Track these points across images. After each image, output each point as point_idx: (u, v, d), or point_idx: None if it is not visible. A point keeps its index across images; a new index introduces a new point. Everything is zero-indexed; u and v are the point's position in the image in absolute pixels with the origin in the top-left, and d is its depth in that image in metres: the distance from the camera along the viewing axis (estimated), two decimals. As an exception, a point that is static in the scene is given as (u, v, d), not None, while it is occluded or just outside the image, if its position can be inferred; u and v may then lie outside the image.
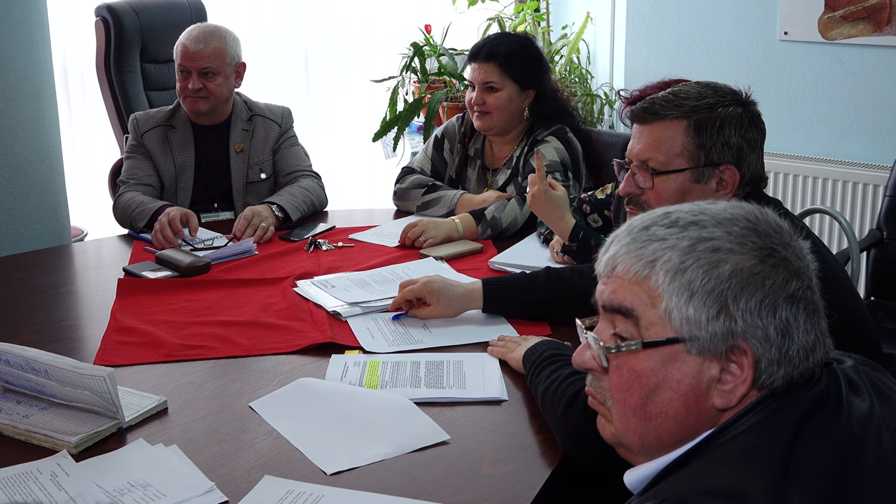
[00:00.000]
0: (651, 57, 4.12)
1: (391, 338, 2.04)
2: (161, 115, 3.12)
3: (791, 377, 1.02)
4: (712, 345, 1.02)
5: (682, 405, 1.04)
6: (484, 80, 2.85)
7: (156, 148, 3.08)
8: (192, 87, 2.97)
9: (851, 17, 3.64)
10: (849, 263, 2.95)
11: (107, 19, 3.93)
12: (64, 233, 3.24)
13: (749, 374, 1.01)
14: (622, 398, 1.08)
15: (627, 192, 1.87)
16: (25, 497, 1.47)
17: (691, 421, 1.04)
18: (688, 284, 1.02)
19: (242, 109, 3.13)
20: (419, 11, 4.94)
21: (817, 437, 0.99)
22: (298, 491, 1.47)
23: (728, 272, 1.01)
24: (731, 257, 1.02)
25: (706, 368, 1.02)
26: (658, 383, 1.04)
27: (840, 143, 3.80)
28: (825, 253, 1.81)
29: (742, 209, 1.07)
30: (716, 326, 1.01)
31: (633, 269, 1.05)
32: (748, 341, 1.01)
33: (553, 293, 2.07)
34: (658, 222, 1.07)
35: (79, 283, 2.57)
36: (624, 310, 1.06)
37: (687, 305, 1.02)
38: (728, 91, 1.82)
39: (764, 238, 1.03)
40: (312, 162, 3.27)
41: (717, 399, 1.03)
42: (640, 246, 1.06)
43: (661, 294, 1.03)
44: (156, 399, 1.76)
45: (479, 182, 3.03)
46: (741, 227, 1.04)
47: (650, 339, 1.04)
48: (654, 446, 1.07)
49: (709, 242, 1.03)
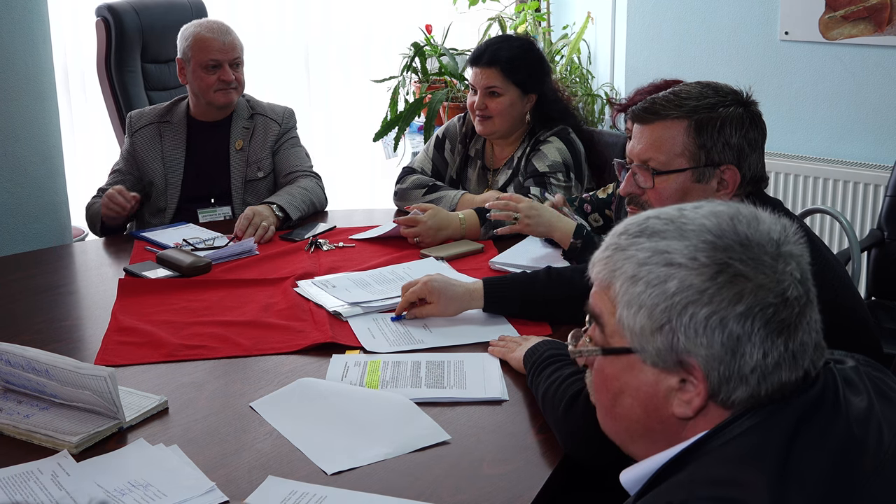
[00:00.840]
0: (652, 57, 4.12)
1: (392, 338, 2.04)
2: (157, 112, 3.14)
3: (758, 394, 1.01)
4: (659, 358, 1.03)
5: (642, 411, 1.06)
6: (486, 84, 2.85)
7: (145, 146, 3.09)
8: (230, 78, 3.01)
9: (852, 16, 3.64)
10: (849, 263, 2.95)
11: (107, 19, 3.93)
12: (65, 233, 3.24)
13: (702, 387, 1.02)
14: (598, 397, 1.13)
15: (628, 192, 1.87)
16: (26, 497, 1.47)
17: (655, 427, 1.06)
18: (637, 297, 1.03)
19: (244, 108, 3.13)
20: (420, 11, 4.94)
21: (816, 439, 0.99)
22: (302, 491, 1.48)
23: (674, 288, 1.01)
24: (679, 272, 1.01)
25: (663, 379, 1.04)
26: (621, 388, 1.07)
27: (841, 143, 3.80)
28: (826, 253, 1.81)
29: (717, 217, 1.05)
30: (658, 340, 1.02)
31: (601, 276, 1.08)
32: (692, 356, 1.01)
33: (554, 293, 2.07)
34: (629, 230, 1.08)
35: (79, 283, 2.57)
36: (594, 315, 1.10)
37: (635, 317, 1.03)
38: (729, 91, 1.82)
39: (721, 252, 1.01)
40: (313, 162, 3.27)
41: (676, 408, 1.04)
42: (609, 254, 1.08)
43: (616, 303, 1.05)
44: (156, 399, 1.76)
45: (480, 182, 3.03)
46: (701, 239, 1.03)
47: (609, 347, 1.07)
48: (631, 443, 1.10)
49: (663, 255, 1.03)
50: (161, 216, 3.07)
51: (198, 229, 2.84)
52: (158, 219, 3.07)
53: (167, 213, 3.06)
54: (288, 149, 3.15)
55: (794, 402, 1.01)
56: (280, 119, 3.15)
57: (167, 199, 3.07)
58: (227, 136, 3.09)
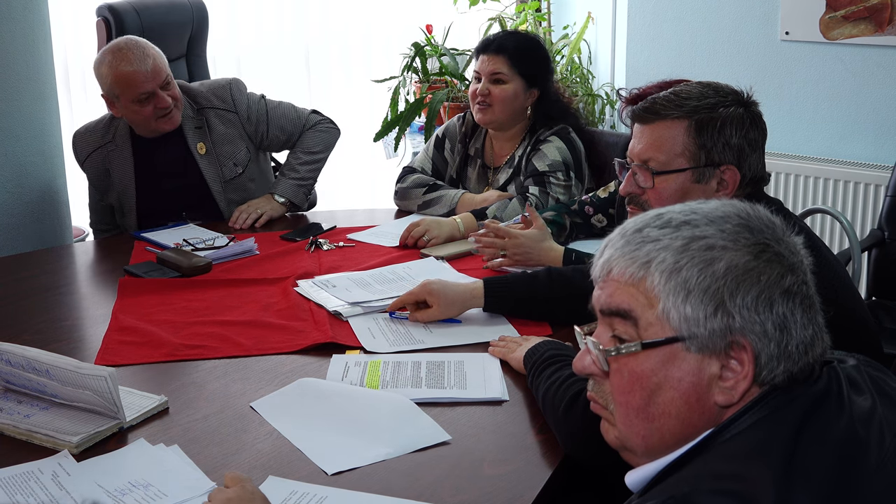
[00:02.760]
0: (652, 57, 4.12)
1: (392, 338, 2.04)
2: (98, 133, 2.95)
3: (791, 372, 1.03)
4: (711, 342, 1.02)
5: (684, 404, 1.04)
6: (492, 70, 2.86)
7: (98, 174, 2.96)
8: (166, 104, 2.78)
9: (853, 16, 3.64)
10: (850, 263, 2.95)
11: (108, 19, 3.93)
12: (65, 233, 3.25)
13: (750, 369, 1.02)
14: (624, 400, 1.08)
15: (628, 191, 1.87)
16: (27, 497, 1.47)
17: (694, 419, 1.04)
18: (684, 283, 1.02)
19: (187, 106, 2.91)
20: (420, 11, 4.94)
21: (820, 436, 0.99)
22: (302, 492, 1.48)
23: (723, 269, 1.02)
24: (725, 254, 1.02)
25: (706, 366, 1.03)
26: (659, 383, 1.05)
27: (841, 143, 3.80)
28: (826, 253, 1.81)
29: (733, 207, 1.07)
30: (714, 323, 1.02)
31: (628, 272, 1.06)
32: (747, 337, 1.01)
33: (554, 292, 2.07)
34: (650, 224, 1.08)
35: (80, 283, 2.57)
36: (622, 312, 1.07)
37: (684, 304, 1.02)
38: (729, 91, 1.82)
39: (756, 234, 1.04)
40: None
41: (718, 396, 1.03)
42: (634, 248, 1.07)
43: (657, 294, 1.04)
44: (157, 399, 1.76)
45: (480, 181, 3.03)
46: (733, 224, 1.05)
47: (649, 340, 1.05)
48: (658, 447, 1.07)
49: (702, 241, 1.03)
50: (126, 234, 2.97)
51: (198, 229, 2.84)
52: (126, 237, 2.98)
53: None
54: (268, 124, 2.99)
55: (800, 397, 1.02)
56: (231, 105, 2.94)
57: (126, 221, 2.97)
58: (181, 144, 2.91)
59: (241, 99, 2.98)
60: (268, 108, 3.02)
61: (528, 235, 2.39)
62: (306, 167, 3.04)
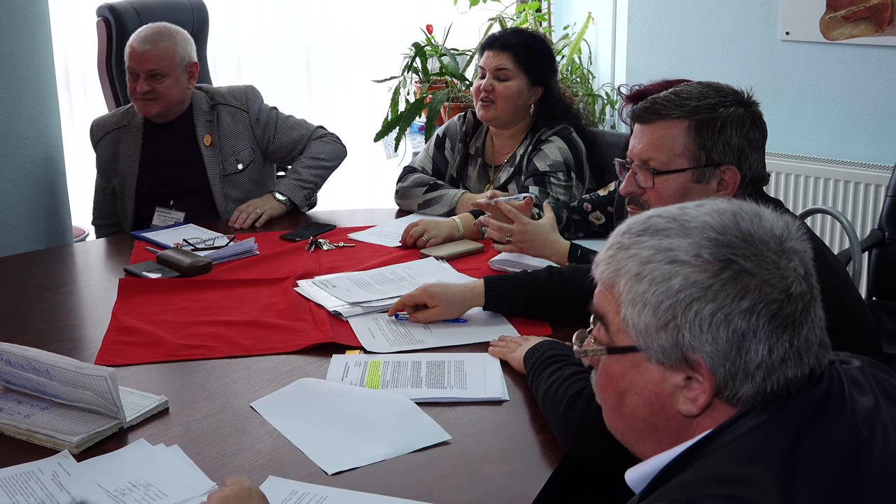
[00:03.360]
0: (652, 57, 4.11)
1: (392, 338, 2.04)
2: (116, 118, 3.09)
3: (763, 390, 1.01)
4: (664, 356, 1.03)
5: (648, 409, 1.06)
6: (497, 66, 2.86)
7: (106, 156, 3.08)
8: (140, 90, 2.90)
9: (853, 17, 3.64)
10: (850, 263, 2.95)
11: (108, 19, 3.93)
12: (65, 233, 3.25)
13: (707, 384, 1.02)
14: (603, 397, 1.12)
15: (628, 191, 1.87)
16: (27, 497, 1.47)
17: (660, 425, 1.06)
18: (641, 295, 1.03)
19: (203, 101, 3.03)
20: (420, 11, 4.94)
21: (822, 437, 0.99)
22: (302, 492, 1.48)
23: (678, 286, 1.01)
24: (683, 269, 1.01)
25: (668, 377, 1.03)
26: (626, 387, 1.07)
27: (842, 143, 3.80)
28: (827, 254, 1.81)
29: (720, 214, 1.05)
30: (663, 338, 1.02)
31: (605, 275, 1.08)
32: (697, 353, 1.01)
33: (555, 292, 2.07)
34: (632, 229, 1.08)
35: (80, 283, 2.57)
36: (599, 314, 1.10)
37: (639, 316, 1.03)
38: (730, 91, 1.82)
39: (724, 249, 1.01)
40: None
41: (682, 406, 1.04)
42: (612, 253, 1.08)
43: (620, 302, 1.05)
44: (157, 399, 1.76)
45: (481, 180, 3.03)
46: (705, 236, 1.03)
47: (614, 346, 1.07)
48: (635, 443, 1.10)
49: (666, 253, 1.03)
50: (125, 220, 3.07)
51: (198, 229, 2.85)
52: (124, 223, 3.08)
53: (127, 219, 3.06)
54: (276, 130, 3.07)
55: (800, 400, 1.02)
56: (244, 104, 3.04)
57: (125, 206, 3.06)
58: (190, 133, 3.01)
59: (255, 102, 3.08)
60: (278, 116, 3.13)
61: (537, 224, 2.38)
62: (309, 171, 3.06)
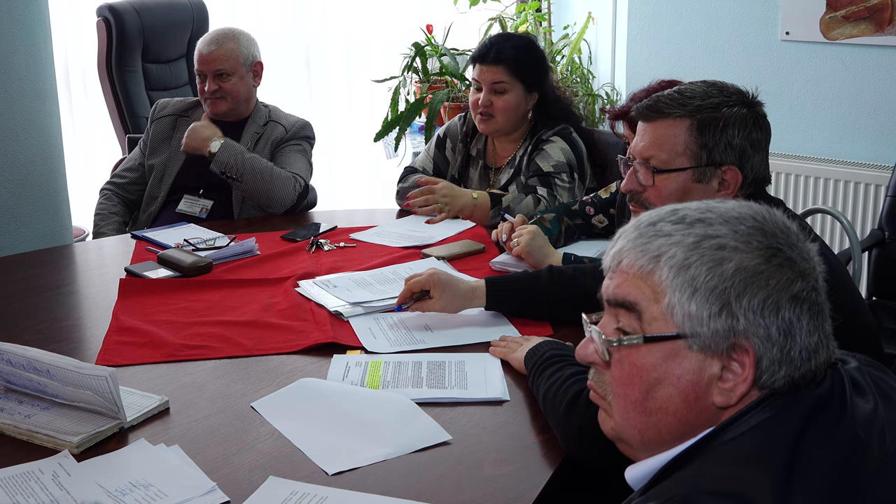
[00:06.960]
0: (652, 57, 4.12)
1: (393, 338, 2.04)
2: (182, 105, 3.25)
3: (792, 378, 1.02)
4: (713, 342, 1.02)
5: (681, 401, 1.04)
6: (493, 80, 2.85)
7: (159, 134, 3.20)
8: (209, 90, 3.09)
9: (853, 16, 3.64)
10: (850, 263, 2.95)
11: (108, 19, 3.94)
12: (66, 233, 3.24)
13: (750, 372, 1.01)
14: (623, 392, 1.08)
15: (629, 188, 1.87)
16: (27, 497, 1.47)
17: (691, 417, 1.04)
18: (691, 281, 1.02)
19: (262, 115, 3.20)
20: (420, 11, 4.95)
21: (821, 439, 0.99)
22: (303, 492, 1.47)
23: (732, 270, 1.01)
24: (735, 255, 1.02)
25: (707, 365, 1.03)
26: (659, 378, 1.04)
27: (842, 143, 3.80)
28: (828, 254, 1.81)
29: (750, 209, 1.07)
30: (717, 324, 1.01)
31: (637, 264, 1.06)
32: (749, 340, 1.01)
33: (556, 292, 2.07)
34: (665, 218, 1.07)
35: (80, 283, 2.57)
36: (627, 304, 1.07)
37: (689, 302, 1.02)
38: (734, 91, 1.81)
39: (770, 238, 1.03)
40: (315, 171, 3.27)
41: (717, 397, 1.03)
42: (646, 241, 1.06)
43: (664, 289, 1.03)
44: (157, 399, 1.76)
45: (482, 181, 3.03)
46: (747, 225, 1.04)
47: (652, 334, 1.05)
48: (654, 442, 1.07)
49: (714, 240, 1.03)
50: (153, 203, 3.15)
51: (199, 229, 2.85)
52: (151, 206, 3.14)
53: (158, 201, 3.15)
54: (288, 152, 3.14)
55: (802, 400, 1.02)
56: (289, 126, 3.19)
57: (161, 186, 3.15)
58: (237, 138, 3.12)
59: (299, 130, 3.19)
60: (297, 147, 3.17)
61: (529, 234, 2.39)
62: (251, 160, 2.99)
